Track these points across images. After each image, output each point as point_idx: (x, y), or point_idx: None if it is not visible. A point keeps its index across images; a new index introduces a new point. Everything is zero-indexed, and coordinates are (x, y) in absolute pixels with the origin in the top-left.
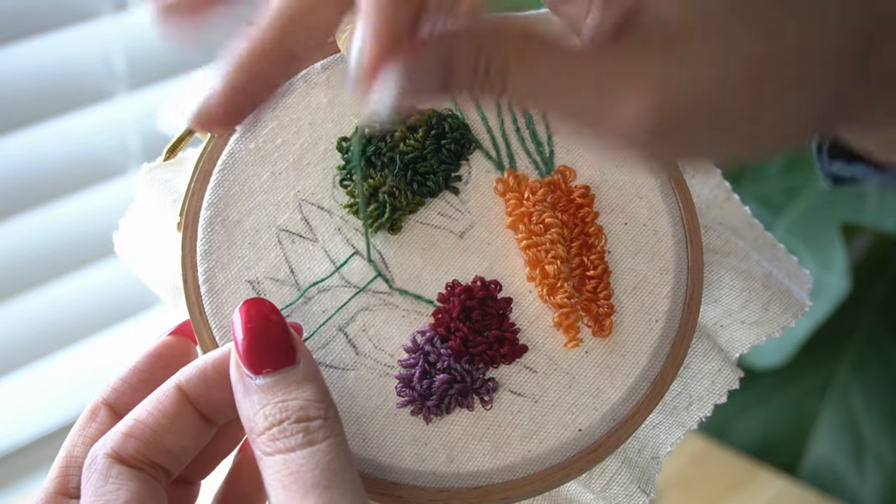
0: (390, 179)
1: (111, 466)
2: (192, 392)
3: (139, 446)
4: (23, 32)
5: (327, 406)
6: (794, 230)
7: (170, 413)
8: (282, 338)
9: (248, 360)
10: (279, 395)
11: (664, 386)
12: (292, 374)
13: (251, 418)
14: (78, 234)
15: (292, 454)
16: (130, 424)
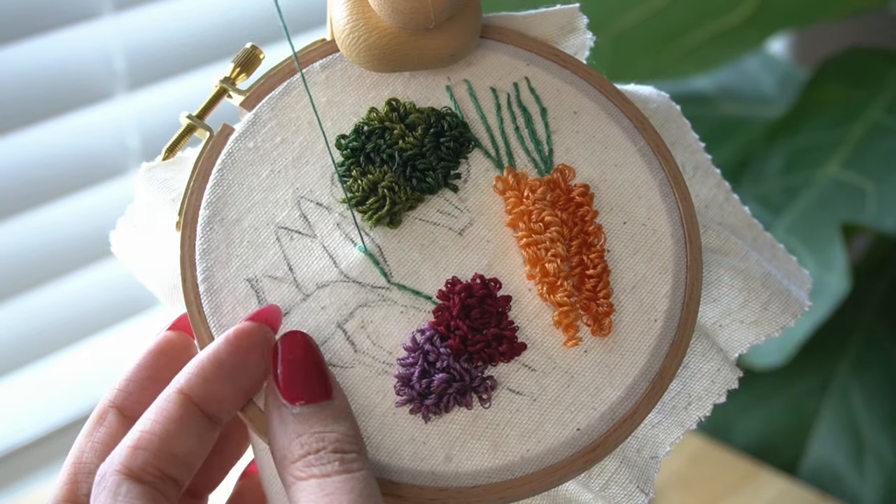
0: (389, 175)
1: (120, 484)
2: (193, 393)
3: (148, 457)
4: (23, 32)
5: (360, 442)
6: (793, 230)
7: (175, 418)
8: (320, 370)
9: (287, 389)
10: (316, 427)
11: (663, 385)
12: (328, 408)
13: (286, 446)
14: (78, 234)
15: (328, 479)
16: (137, 437)
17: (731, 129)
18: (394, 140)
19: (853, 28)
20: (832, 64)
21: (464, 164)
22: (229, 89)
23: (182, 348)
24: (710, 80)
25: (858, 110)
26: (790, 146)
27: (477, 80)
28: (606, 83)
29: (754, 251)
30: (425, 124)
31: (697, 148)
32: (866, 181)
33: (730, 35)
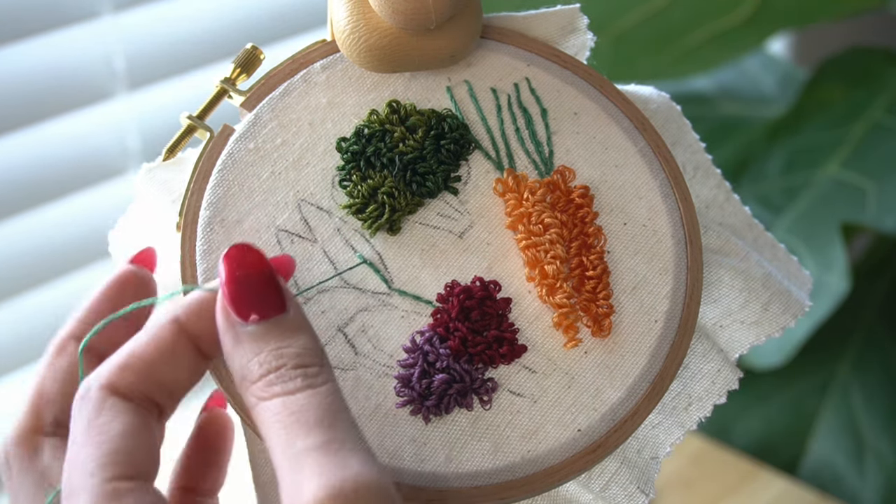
0: (389, 180)
1: (105, 398)
2: (189, 325)
3: (134, 379)
4: (23, 32)
5: (322, 355)
6: (794, 230)
7: (166, 346)
8: (270, 284)
9: (235, 303)
10: (272, 343)
11: (663, 386)
12: (284, 322)
13: (244, 366)
14: (78, 234)
15: (292, 396)
16: (125, 358)
17: (731, 129)
18: (394, 143)
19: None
20: (832, 64)
21: (464, 166)
22: (230, 90)
23: (144, 281)
24: (710, 80)
25: (858, 110)
26: (790, 146)
27: (477, 80)
28: (607, 84)
29: (755, 252)
30: (426, 126)
31: (698, 148)
32: (866, 181)
33: (730, 35)
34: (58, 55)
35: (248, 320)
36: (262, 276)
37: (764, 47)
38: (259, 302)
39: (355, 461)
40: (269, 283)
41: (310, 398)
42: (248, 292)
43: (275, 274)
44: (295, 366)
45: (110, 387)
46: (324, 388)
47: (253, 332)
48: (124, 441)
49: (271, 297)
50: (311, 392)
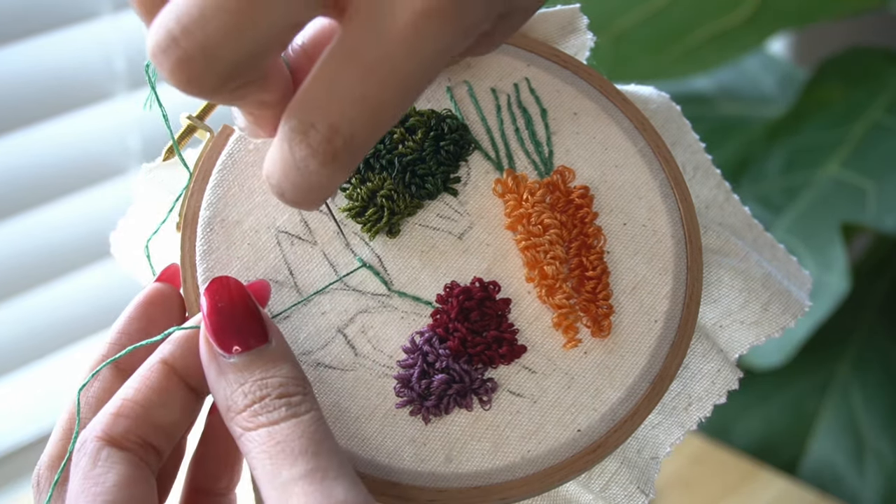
0: (388, 182)
1: (101, 449)
2: (177, 364)
3: (129, 425)
4: (23, 32)
5: (304, 384)
6: (793, 230)
7: (157, 388)
8: (251, 315)
9: (217, 336)
10: (257, 374)
11: (663, 386)
12: (267, 352)
13: (228, 397)
14: (78, 234)
15: (276, 426)
16: (119, 404)
17: (731, 129)
18: (393, 145)
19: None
20: (832, 64)
21: (464, 166)
22: None
23: (171, 298)
24: (710, 80)
25: (858, 110)
26: (790, 146)
27: (477, 80)
28: (607, 84)
29: (755, 252)
30: (425, 127)
31: (698, 148)
32: (866, 181)
33: (730, 35)
34: (58, 55)
35: (231, 352)
36: (243, 307)
37: (764, 47)
38: (241, 333)
39: (340, 489)
40: (250, 314)
41: (294, 427)
42: (229, 324)
43: (255, 305)
44: (279, 395)
45: (105, 437)
46: (307, 416)
47: (236, 364)
48: (119, 493)
49: (253, 327)
50: (296, 421)
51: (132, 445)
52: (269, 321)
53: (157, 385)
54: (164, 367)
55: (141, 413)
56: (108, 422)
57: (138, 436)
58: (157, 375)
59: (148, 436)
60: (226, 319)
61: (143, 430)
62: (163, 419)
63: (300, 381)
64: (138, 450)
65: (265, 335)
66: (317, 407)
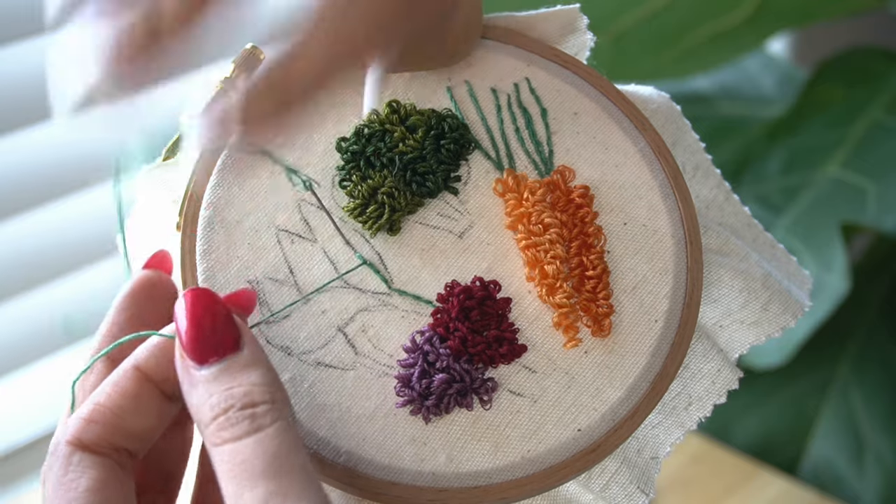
0: (389, 180)
1: (72, 454)
2: (150, 371)
3: (101, 431)
4: (23, 32)
5: (273, 389)
6: (793, 230)
7: (130, 394)
8: (225, 326)
9: (192, 351)
10: (224, 384)
11: (663, 386)
12: (237, 361)
13: (198, 410)
14: (78, 234)
15: (239, 443)
16: (91, 409)
17: (731, 129)
18: (394, 143)
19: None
20: (832, 64)
21: (464, 165)
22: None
23: (160, 284)
24: (710, 80)
25: (858, 110)
26: (790, 146)
27: (477, 80)
28: (607, 84)
29: (755, 252)
30: (426, 126)
31: (697, 148)
32: (866, 181)
33: (730, 35)
34: None
35: (204, 363)
36: (216, 318)
37: (764, 47)
38: (213, 344)
39: None
40: (223, 324)
41: (256, 445)
42: (201, 335)
43: (229, 314)
44: (243, 406)
45: (77, 442)
46: (271, 429)
47: (206, 375)
48: (92, 497)
49: (225, 337)
50: (258, 437)
51: (105, 450)
52: (244, 328)
53: (130, 391)
54: (137, 373)
55: (112, 419)
56: (79, 427)
57: (110, 442)
58: (129, 382)
59: (120, 441)
60: (197, 331)
61: (116, 436)
62: (135, 426)
63: (268, 387)
64: (112, 453)
65: (236, 344)
66: (283, 416)
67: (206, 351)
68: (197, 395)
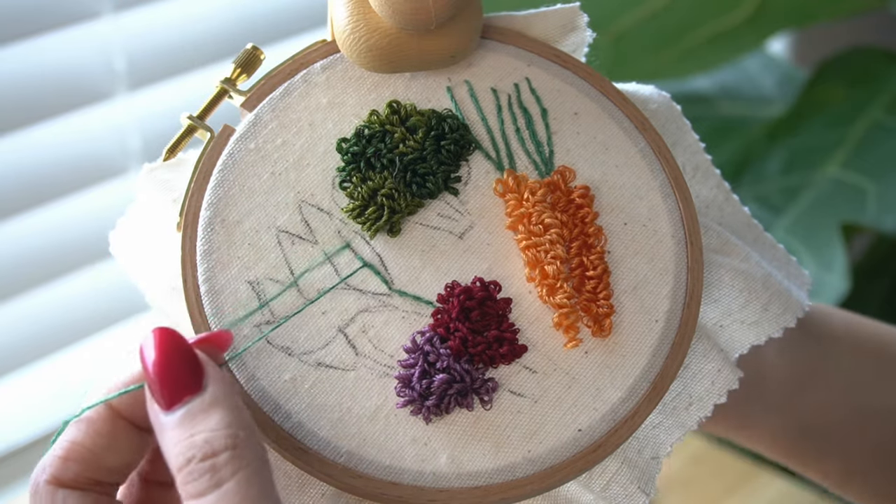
0: (389, 181)
1: (54, 492)
2: (122, 409)
3: (78, 469)
4: (23, 32)
5: (234, 432)
6: (793, 230)
7: (104, 433)
8: (188, 367)
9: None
10: (187, 431)
11: (664, 386)
12: (197, 403)
13: (168, 459)
14: (78, 235)
15: (201, 500)
16: (66, 447)
17: (731, 129)
18: (394, 144)
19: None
20: (832, 64)
21: (464, 166)
22: (230, 90)
23: None
24: (710, 80)
25: (858, 110)
26: (790, 146)
27: (478, 80)
28: (607, 84)
29: (755, 252)
30: (426, 127)
31: (697, 149)
32: (866, 181)
33: (730, 35)
34: (58, 55)
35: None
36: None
37: (764, 47)
38: (177, 387)
39: None
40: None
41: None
42: (165, 379)
43: (193, 355)
44: (203, 457)
45: (55, 481)
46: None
47: (171, 421)
48: None
49: (188, 379)
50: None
51: (86, 485)
52: (210, 367)
53: (103, 430)
54: (109, 411)
55: (89, 457)
56: (56, 466)
57: (89, 478)
58: (102, 420)
59: (100, 476)
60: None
61: (94, 474)
62: (112, 462)
63: (230, 429)
64: (94, 486)
65: (198, 384)
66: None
67: (171, 395)
68: (164, 442)
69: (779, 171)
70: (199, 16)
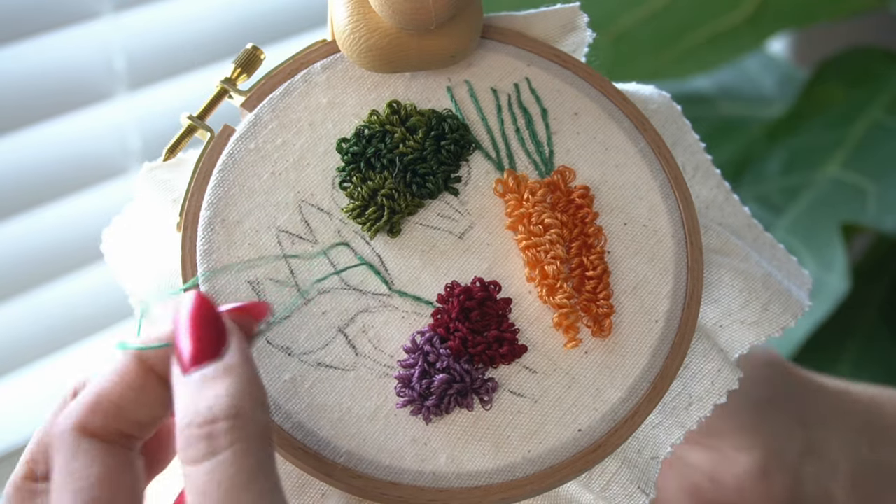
0: (389, 182)
1: (79, 441)
2: (154, 362)
3: (105, 421)
4: (23, 32)
5: (239, 402)
6: (793, 230)
7: (133, 384)
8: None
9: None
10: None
11: (664, 386)
12: (212, 369)
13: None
14: (78, 235)
15: (197, 468)
16: (95, 397)
17: (731, 129)
18: (394, 144)
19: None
20: (832, 64)
21: (464, 166)
22: (230, 90)
23: None
24: (710, 80)
25: (858, 110)
26: (790, 146)
27: (478, 80)
28: (607, 84)
29: (754, 252)
30: (426, 127)
31: (698, 148)
32: (866, 181)
33: (730, 35)
34: (58, 55)
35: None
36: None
37: (764, 47)
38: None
39: None
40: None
41: (211, 473)
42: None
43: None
44: (202, 422)
45: (82, 428)
46: (227, 453)
47: (185, 383)
48: (101, 488)
49: (208, 344)
50: (212, 464)
51: (112, 437)
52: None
53: (133, 382)
54: (140, 365)
55: (115, 411)
56: (84, 414)
57: (116, 430)
58: (132, 374)
59: (126, 429)
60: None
61: (120, 425)
62: (140, 415)
63: (236, 399)
64: (119, 439)
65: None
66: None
67: (190, 358)
68: (176, 406)
69: (779, 171)
70: (199, 16)
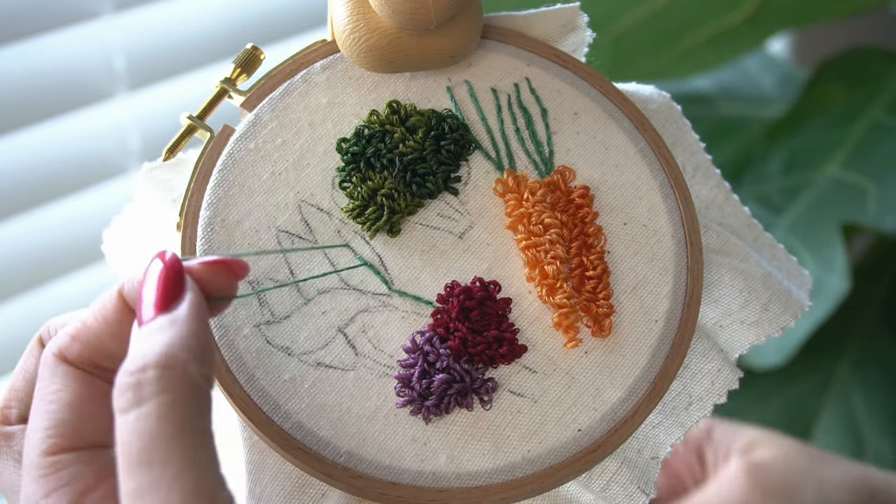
0: (389, 182)
1: (57, 365)
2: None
3: (82, 349)
4: (23, 32)
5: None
6: (793, 230)
7: (113, 320)
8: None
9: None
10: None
11: (664, 386)
12: (158, 321)
13: None
14: (78, 234)
15: (123, 417)
16: (78, 327)
17: (731, 129)
18: (394, 144)
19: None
20: (832, 64)
21: (464, 166)
22: (230, 90)
23: None
24: (710, 80)
25: (858, 110)
26: (790, 146)
27: (478, 80)
28: (607, 84)
29: (754, 252)
30: (426, 127)
31: (698, 148)
32: (866, 181)
33: (730, 35)
34: (58, 55)
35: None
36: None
37: (764, 47)
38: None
39: None
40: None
41: (134, 423)
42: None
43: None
44: (133, 371)
45: (60, 355)
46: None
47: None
48: (71, 411)
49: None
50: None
51: (86, 366)
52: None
53: (113, 317)
54: (120, 301)
55: (94, 342)
56: (64, 341)
57: (90, 360)
58: (111, 307)
59: (101, 361)
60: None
61: (95, 356)
62: (115, 349)
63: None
64: (93, 370)
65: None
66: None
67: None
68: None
69: (779, 171)
70: (198, 16)
